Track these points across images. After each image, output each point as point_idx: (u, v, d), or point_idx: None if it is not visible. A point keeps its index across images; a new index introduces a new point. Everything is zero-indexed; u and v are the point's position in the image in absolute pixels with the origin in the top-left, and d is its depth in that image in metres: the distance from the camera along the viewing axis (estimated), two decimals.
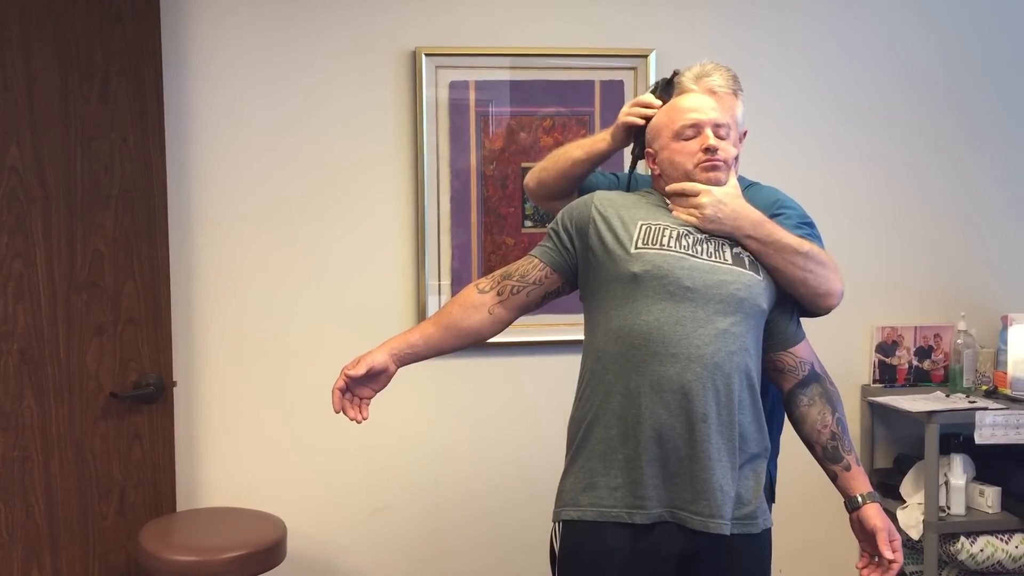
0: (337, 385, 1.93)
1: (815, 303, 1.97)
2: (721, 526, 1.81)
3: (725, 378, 1.83)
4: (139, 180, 2.67)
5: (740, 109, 2.12)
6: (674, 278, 1.84)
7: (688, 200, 1.93)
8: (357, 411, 1.94)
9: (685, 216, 1.93)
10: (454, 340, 1.99)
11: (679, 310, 1.83)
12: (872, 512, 1.92)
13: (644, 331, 1.83)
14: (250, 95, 2.90)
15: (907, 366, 3.26)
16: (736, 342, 1.85)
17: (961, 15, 3.25)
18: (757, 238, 1.92)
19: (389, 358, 1.94)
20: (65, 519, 2.65)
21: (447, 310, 2.01)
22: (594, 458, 1.87)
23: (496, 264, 3.02)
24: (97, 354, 2.65)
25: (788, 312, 1.99)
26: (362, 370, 1.91)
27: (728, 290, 1.86)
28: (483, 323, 1.99)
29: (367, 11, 2.95)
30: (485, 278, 2.04)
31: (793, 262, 1.92)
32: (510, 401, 3.07)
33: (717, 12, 3.11)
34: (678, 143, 1.96)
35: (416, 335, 1.98)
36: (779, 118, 3.16)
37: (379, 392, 1.97)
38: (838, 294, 1.97)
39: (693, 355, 1.81)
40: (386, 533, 3.04)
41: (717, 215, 1.91)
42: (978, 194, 3.30)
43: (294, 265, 2.96)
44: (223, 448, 2.94)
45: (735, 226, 1.92)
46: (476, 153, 3.02)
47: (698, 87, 2.08)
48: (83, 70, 2.59)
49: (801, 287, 1.94)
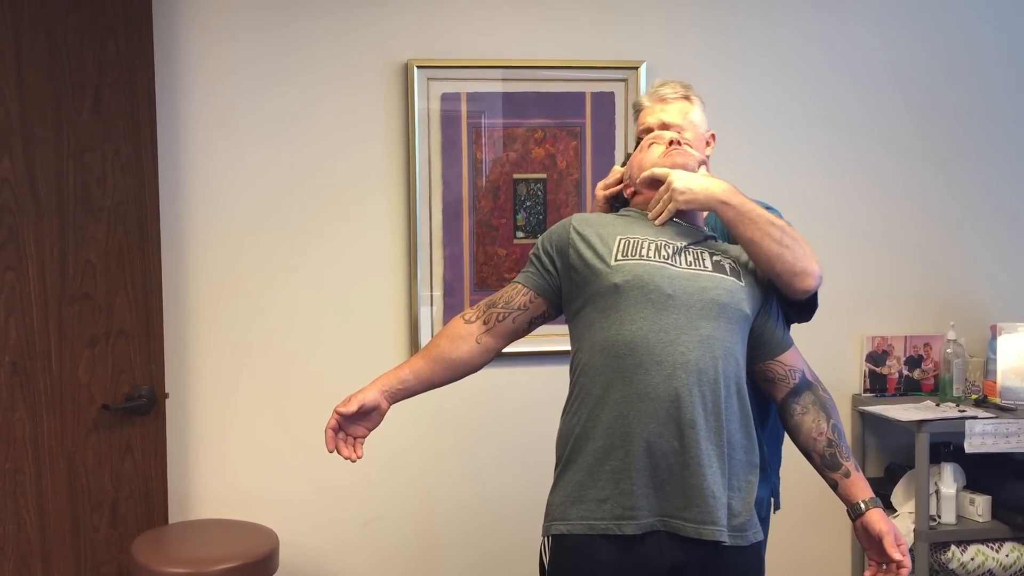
0: (330, 425, 1.92)
1: (791, 284, 1.92)
2: (715, 532, 1.80)
3: (712, 384, 1.83)
4: (131, 192, 2.67)
5: (696, 112, 2.22)
6: (655, 286, 1.85)
7: (659, 190, 1.98)
8: (351, 450, 1.93)
9: (658, 208, 1.97)
10: (444, 372, 1.99)
11: (662, 318, 1.84)
12: (876, 517, 1.91)
13: (628, 340, 1.83)
14: (243, 108, 2.91)
15: (897, 375, 3.27)
16: (720, 347, 1.85)
17: (952, 25, 3.28)
18: (733, 204, 1.93)
19: (380, 395, 1.94)
20: (57, 532, 2.64)
21: (435, 343, 2.02)
22: (582, 471, 1.86)
23: (488, 275, 3.04)
24: (89, 366, 2.65)
25: (774, 318, 1.99)
26: (354, 407, 1.91)
27: (709, 296, 1.87)
28: (472, 353, 2.00)
29: (359, 24, 2.96)
30: (470, 309, 2.05)
31: (769, 233, 1.90)
32: (503, 413, 3.08)
33: (707, 24, 3.13)
34: (639, 154, 2.09)
35: (406, 370, 1.98)
36: (770, 127, 3.19)
37: (372, 431, 1.96)
38: (816, 275, 1.92)
39: (678, 362, 1.82)
40: (379, 544, 3.04)
41: (688, 186, 1.94)
42: (967, 204, 3.32)
43: (286, 277, 2.96)
44: (215, 460, 2.94)
45: (708, 194, 1.94)
46: (468, 164, 3.03)
47: (651, 101, 2.23)
48: (76, 82, 2.59)
49: (778, 262, 1.90)
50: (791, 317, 2.03)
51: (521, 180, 3.06)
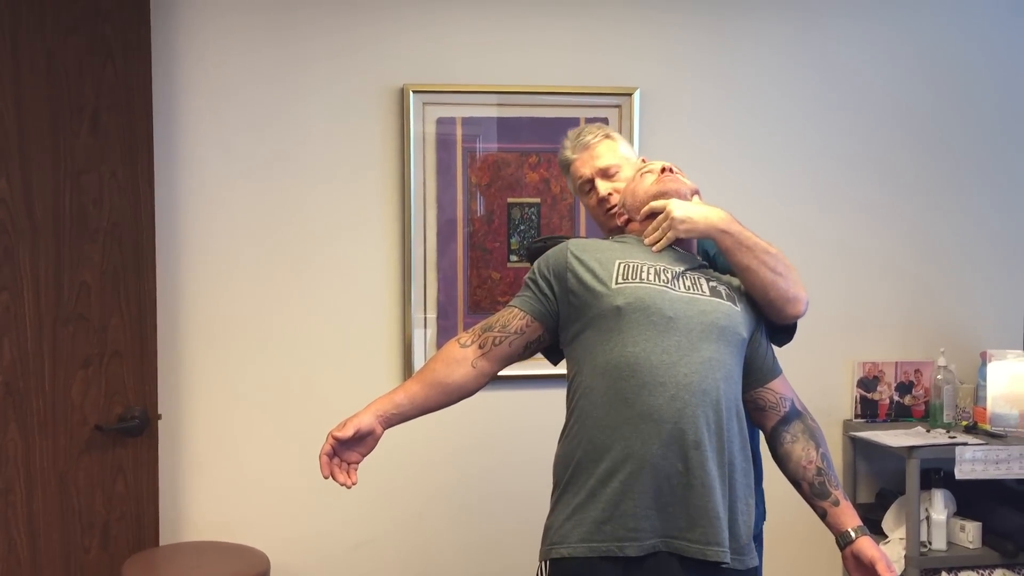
0: (324, 450, 1.91)
1: (783, 310, 1.97)
2: (719, 553, 1.80)
3: (714, 405, 1.84)
4: (128, 213, 2.68)
5: (623, 146, 2.31)
6: (656, 309, 1.86)
7: (658, 218, 2.00)
8: (346, 476, 1.92)
9: (657, 235, 1.99)
10: (439, 397, 1.98)
11: (664, 340, 1.85)
12: (868, 544, 1.93)
13: (631, 363, 1.84)
14: (240, 131, 2.93)
15: (888, 401, 3.29)
16: (721, 370, 1.87)
17: (945, 54, 3.31)
18: (731, 233, 1.96)
19: (375, 420, 1.93)
20: (47, 553, 2.63)
21: (430, 367, 2.01)
22: (583, 493, 1.85)
23: (482, 298, 3.05)
24: (82, 387, 2.64)
25: (764, 345, 2.01)
26: (349, 432, 1.89)
27: (709, 319, 1.88)
28: (467, 377, 1.99)
29: (356, 48, 2.98)
30: (465, 332, 2.04)
31: (765, 262, 1.94)
32: (496, 435, 3.08)
33: (700, 51, 3.17)
34: (632, 183, 2.13)
35: (401, 395, 1.97)
36: (763, 153, 3.21)
37: (366, 456, 1.95)
38: (805, 301, 1.98)
39: (681, 383, 1.82)
40: (370, 567, 3.03)
41: (688, 215, 1.97)
42: (959, 232, 3.35)
43: (280, 298, 2.97)
44: (207, 482, 2.93)
45: (707, 222, 1.97)
46: (463, 188, 3.05)
47: (576, 152, 2.29)
48: (74, 104, 2.61)
49: (772, 290, 1.95)
50: (772, 330, 2.06)
51: (515, 204, 3.08)
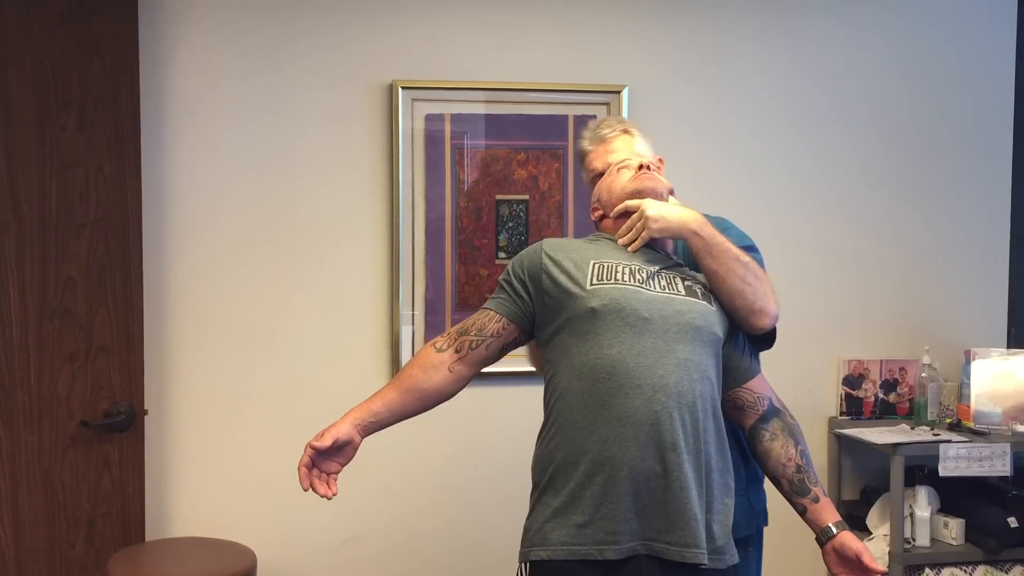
0: (303, 462, 1.90)
1: (749, 320, 1.96)
2: (697, 555, 1.81)
3: (690, 407, 1.84)
4: (114, 208, 2.67)
5: (639, 143, 2.26)
6: (632, 310, 1.86)
7: (631, 219, 2.00)
8: (326, 487, 1.91)
9: (631, 235, 1.99)
10: (417, 402, 1.98)
11: (640, 341, 1.85)
12: (849, 538, 1.93)
13: (608, 364, 1.83)
14: (227, 126, 2.92)
15: (873, 399, 3.30)
16: (697, 370, 1.86)
17: (928, 56, 3.33)
18: (703, 236, 1.96)
19: (353, 428, 1.92)
20: (32, 549, 2.62)
21: (407, 373, 2.00)
22: (562, 496, 1.85)
23: (470, 294, 3.05)
24: (68, 382, 2.64)
25: (740, 346, 2.00)
26: (328, 442, 1.88)
27: (685, 319, 1.88)
28: (444, 382, 1.98)
29: (344, 44, 2.98)
30: (440, 337, 2.03)
31: (733, 269, 1.94)
32: (483, 432, 3.08)
33: (688, 49, 3.17)
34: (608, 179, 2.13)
35: (378, 402, 1.96)
36: (749, 151, 3.22)
37: (345, 466, 1.94)
38: (772, 314, 1.96)
39: (657, 385, 1.82)
40: (356, 563, 3.03)
41: (662, 215, 1.97)
42: (943, 231, 3.37)
43: (268, 294, 2.97)
44: (193, 477, 2.93)
45: (681, 223, 1.97)
46: (451, 184, 3.05)
47: (593, 144, 2.27)
48: (60, 99, 2.60)
49: (738, 298, 1.94)
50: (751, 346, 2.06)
51: (503, 201, 3.08)
